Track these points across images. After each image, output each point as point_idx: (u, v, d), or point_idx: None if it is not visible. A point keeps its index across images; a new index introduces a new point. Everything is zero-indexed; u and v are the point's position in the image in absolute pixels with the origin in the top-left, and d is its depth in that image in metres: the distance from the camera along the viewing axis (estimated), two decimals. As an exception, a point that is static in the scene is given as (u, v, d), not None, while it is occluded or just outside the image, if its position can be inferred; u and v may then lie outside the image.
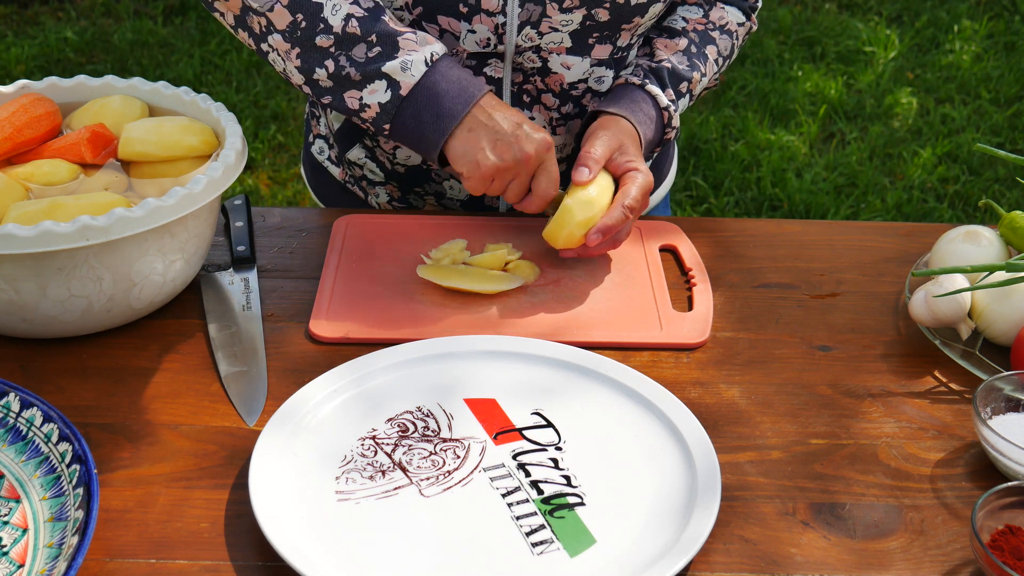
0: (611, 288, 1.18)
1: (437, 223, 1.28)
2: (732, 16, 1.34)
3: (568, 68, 1.24)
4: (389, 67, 1.12)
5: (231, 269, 1.19)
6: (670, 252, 1.26)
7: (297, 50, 1.14)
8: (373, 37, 1.13)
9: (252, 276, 1.18)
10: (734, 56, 1.37)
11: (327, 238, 1.26)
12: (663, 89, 1.26)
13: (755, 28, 1.39)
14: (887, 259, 1.26)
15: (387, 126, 1.15)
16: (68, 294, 1.01)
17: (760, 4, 1.38)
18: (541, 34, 1.20)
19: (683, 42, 1.29)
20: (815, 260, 1.26)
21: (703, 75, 1.30)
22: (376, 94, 1.14)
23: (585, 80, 1.26)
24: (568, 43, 1.22)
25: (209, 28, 3.99)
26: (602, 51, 1.25)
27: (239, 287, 1.16)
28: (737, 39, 1.35)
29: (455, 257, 1.19)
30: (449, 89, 1.13)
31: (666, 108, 1.24)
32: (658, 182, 1.46)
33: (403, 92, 1.13)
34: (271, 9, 1.13)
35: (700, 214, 3.08)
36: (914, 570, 0.86)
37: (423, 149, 1.15)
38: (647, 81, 1.24)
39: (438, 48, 1.14)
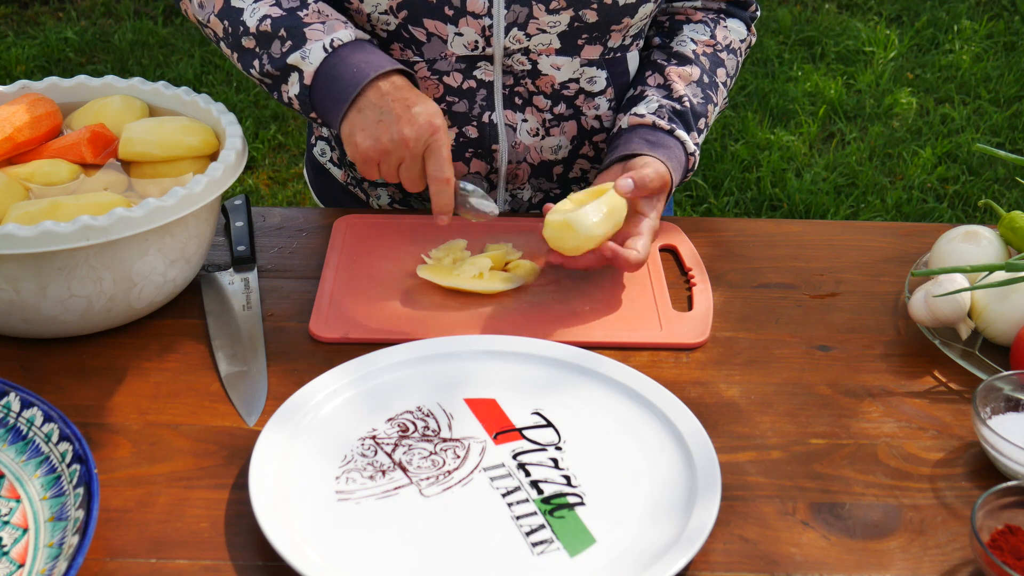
0: (611, 288, 1.18)
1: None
2: (735, 33, 1.34)
3: (558, 69, 1.24)
4: (293, 59, 1.15)
5: (231, 269, 1.19)
6: (670, 252, 1.26)
7: (235, 54, 1.20)
8: (283, 32, 1.15)
9: (252, 276, 1.18)
10: (738, 72, 1.37)
11: (327, 238, 1.26)
12: (688, 133, 1.24)
13: (755, 39, 1.39)
14: (887, 259, 1.27)
15: (312, 115, 1.18)
16: (68, 294, 1.01)
17: (759, 13, 1.38)
18: (529, 36, 1.20)
19: (696, 71, 1.28)
20: (815, 260, 1.26)
21: (716, 105, 1.29)
22: (293, 87, 1.16)
23: (576, 80, 1.26)
24: (557, 44, 1.22)
25: (209, 28, 3.99)
26: (592, 52, 1.24)
27: (239, 287, 1.16)
28: (741, 56, 1.35)
29: (455, 257, 1.19)
30: (345, 72, 1.13)
31: (692, 154, 1.23)
32: None
33: (307, 81, 1.15)
34: (208, 21, 1.21)
35: (700, 214, 3.08)
36: (914, 570, 0.86)
37: (333, 134, 1.15)
38: (675, 126, 1.23)
39: (344, 34, 1.15)
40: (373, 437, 0.96)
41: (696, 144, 1.25)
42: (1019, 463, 0.92)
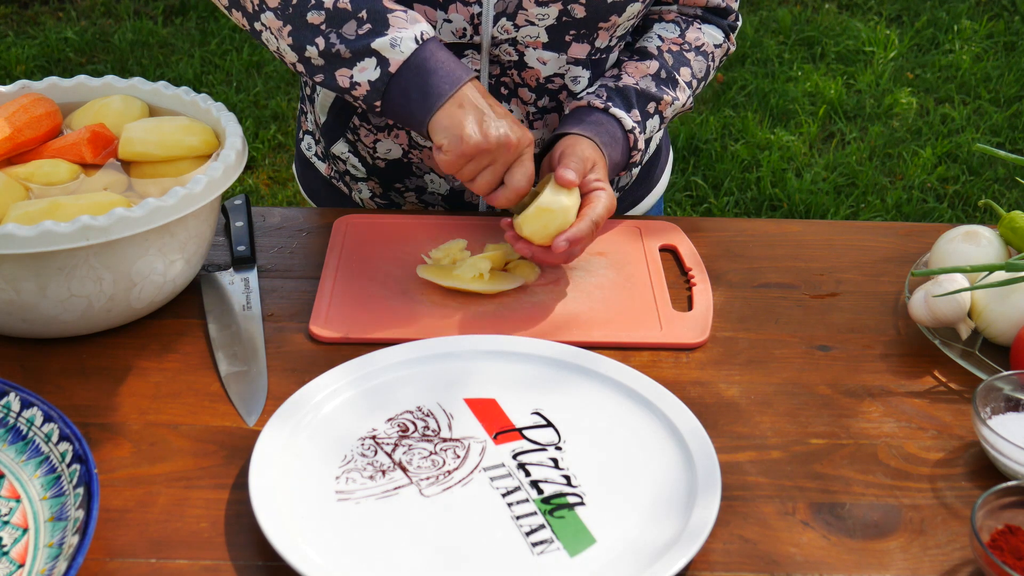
0: (611, 288, 1.18)
1: (437, 223, 1.28)
2: (709, 37, 1.33)
3: (544, 63, 1.24)
4: (378, 44, 1.12)
5: (231, 269, 1.19)
6: (670, 252, 1.26)
7: (289, 27, 1.14)
8: (363, 14, 1.13)
9: (252, 276, 1.18)
10: (710, 76, 1.35)
11: (327, 238, 1.26)
12: (628, 111, 1.24)
13: (733, 49, 1.37)
14: (887, 259, 1.27)
15: (378, 103, 1.15)
16: (68, 294, 1.01)
17: (740, 24, 1.37)
18: (517, 27, 1.20)
19: (654, 65, 1.27)
20: (815, 260, 1.26)
21: (675, 99, 1.28)
22: (366, 72, 1.13)
23: (561, 76, 1.26)
24: (544, 38, 1.22)
25: (209, 28, 3.99)
26: (579, 50, 1.24)
27: (239, 287, 1.16)
28: (713, 60, 1.34)
29: (455, 257, 1.19)
30: (437, 68, 1.13)
31: (631, 130, 1.23)
32: (649, 188, 1.46)
33: (391, 69, 1.12)
34: None
35: (700, 214, 3.08)
36: (913, 570, 0.86)
37: (412, 126, 1.15)
38: (610, 104, 1.23)
39: (428, 28, 1.14)
40: (373, 437, 0.96)
41: (637, 122, 1.24)
42: (1019, 463, 0.92)
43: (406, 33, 1.12)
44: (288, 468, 0.92)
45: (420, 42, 1.12)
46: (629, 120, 1.23)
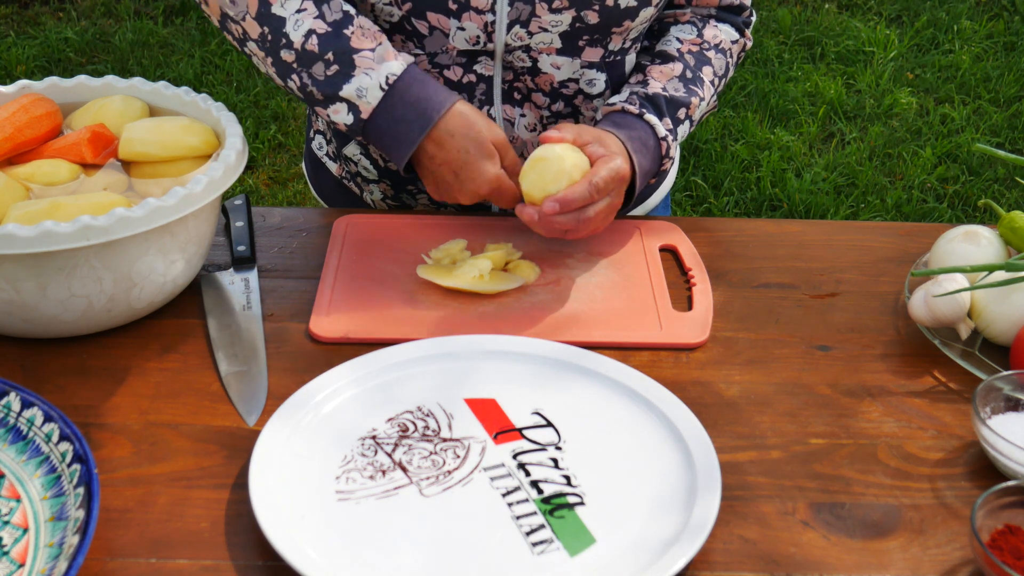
0: (611, 288, 1.18)
1: (437, 223, 1.28)
2: (725, 35, 1.33)
3: (558, 68, 1.24)
4: (346, 92, 1.15)
5: (231, 269, 1.19)
6: (670, 252, 1.26)
7: (270, 59, 1.18)
8: (330, 55, 1.15)
9: (252, 276, 1.18)
10: (730, 74, 1.35)
11: (327, 238, 1.26)
12: (660, 118, 1.24)
13: (749, 44, 1.37)
14: (887, 259, 1.27)
15: (359, 138, 1.21)
16: (68, 294, 1.01)
17: (754, 19, 1.37)
18: (531, 34, 1.20)
19: (678, 67, 1.27)
20: (815, 260, 1.26)
21: (702, 99, 1.28)
22: (340, 115, 1.17)
23: (576, 80, 1.26)
24: (558, 44, 1.22)
25: (209, 28, 3.99)
26: (593, 54, 1.24)
27: (239, 287, 1.16)
28: (731, 57, 1.34)
29: (455, 257, 1.19)
30: (405, 114, 1.15)
31: (663, 138, 1.23)
32: (658, 182, 1.46)
33: (363, 116, 1.16)
34: (243, 19, 1.17)
35: (700, 214, 3.08)
36: (913, 570, 0.87)
37: (395, 162, 1.19)
38: (644, 110, 1.22)
39: (396, 68, 1.15)
40: (373, 437, 0.96)
41: (669, 130, 1.24)
42: (1019, 463, 0.92)
43: (371, 81, 1.14)
44: (288, 468, 0.92)
45: (386, 88, 1.14)
46: (662, 128, 1.23)
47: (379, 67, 1.15)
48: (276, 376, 1.05)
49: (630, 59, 1.30)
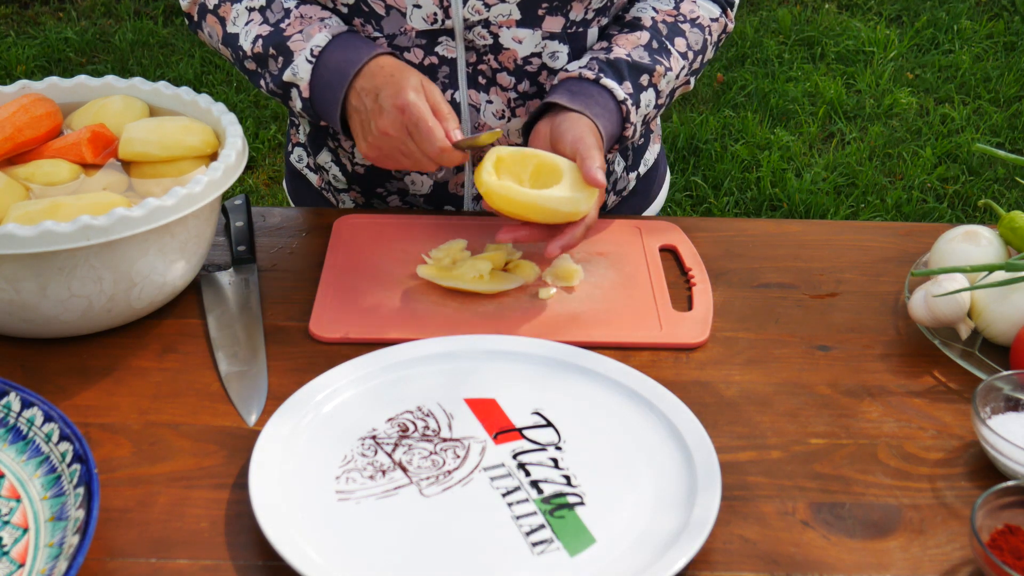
0: (611, 288, 1.18)
1: (437, 223, 1.28)
2: (704, 11, 1.29)
3: (520, 42, 1.22)
4: (287, 77, 1.20)
5: (231, 269, 1.19)
6: (670, 252, 1.26)
7: (245, 73, 1.26)
8: (272, 50, 1.20)
9: (252, 276, 1.18)
10: (708, 53, 1.31)
11: (327, 238, 1.26)
12: (620, 82, 1.20)
13: (731, 26, 1.34)
14: (887, 259, 1.27)
15: (323, 123, 1.24)
16: (68, 294, 1.01)
17: (737, 1, 1.34)
18: (488, 5, 1.19)
19: (645, 36, 1.24)
20: (815, 260, 1.26)
21: (668, 69, 1.24)
22: (295, 102, 1.21)
23: (539, 55, 1.24)
24: (517, 15, 1.20)
25: (209, 28, 3.99)
26: (554, 23, 1.22)
27: (239, 287, 1.16)
28: (711, 35, 1.30)
29: (455, 257, 1.19)
30: (332, 79, 1.18)
31: (623, 101, 1.19)
32: (647, 202, 1.46)
33: (304, 95, 1.20)
34: (218, 46, 1.27)
35: (700, 214, 3.08)
36: (913, 570, 0.87)
37: (333, 126, 1.21)
38: (602, 75, 1.19)
39: (320, 39, 1.18)
40: (373, 437, 0.96)
41: (629, 94, 1.20)
42: (1019, 463, 0.92)
43: (301, 59, 1.18)
44: (288, 468, 0.92)
45: (312, 60, 1.18)
46: (621, 91, 1.19)
47: (307, 44, 1.19)
48: (276, 376, 1.05)
49: (592, 32, 1.26)
